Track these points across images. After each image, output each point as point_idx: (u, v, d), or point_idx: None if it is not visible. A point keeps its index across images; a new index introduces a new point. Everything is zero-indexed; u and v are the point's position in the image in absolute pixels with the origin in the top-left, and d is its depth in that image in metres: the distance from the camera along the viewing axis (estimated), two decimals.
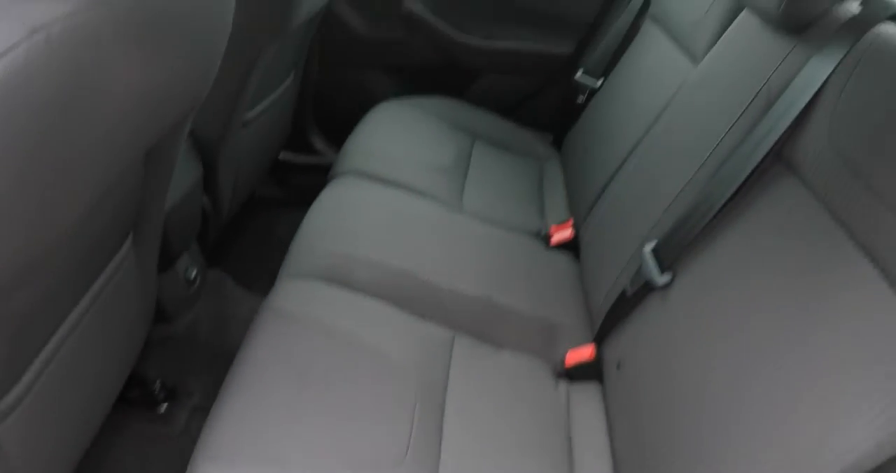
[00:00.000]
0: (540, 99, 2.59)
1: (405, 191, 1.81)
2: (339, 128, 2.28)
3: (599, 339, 1.45)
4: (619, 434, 1.27)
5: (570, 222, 1.88)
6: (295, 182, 2.63)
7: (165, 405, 1.65)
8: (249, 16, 1.41)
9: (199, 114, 1.12)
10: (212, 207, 1.80)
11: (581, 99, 2.30)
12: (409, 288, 1.47)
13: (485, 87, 2.56)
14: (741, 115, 1.30)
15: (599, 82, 2.23)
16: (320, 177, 1.98)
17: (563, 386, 1.39)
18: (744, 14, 1.52)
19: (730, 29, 1.55)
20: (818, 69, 1.13)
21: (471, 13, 2.45)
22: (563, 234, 1.82)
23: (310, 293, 1.38)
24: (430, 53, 2.51)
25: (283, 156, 2.55)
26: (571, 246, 1.81)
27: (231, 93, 1.57)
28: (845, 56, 1.10)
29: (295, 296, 1.36)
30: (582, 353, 1.43)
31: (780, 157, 1.15)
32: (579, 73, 2.28)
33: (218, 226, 1.89)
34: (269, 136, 2.11)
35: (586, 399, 1.37)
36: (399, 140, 2.06)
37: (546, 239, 1.83)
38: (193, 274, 1.79)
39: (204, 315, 1.86)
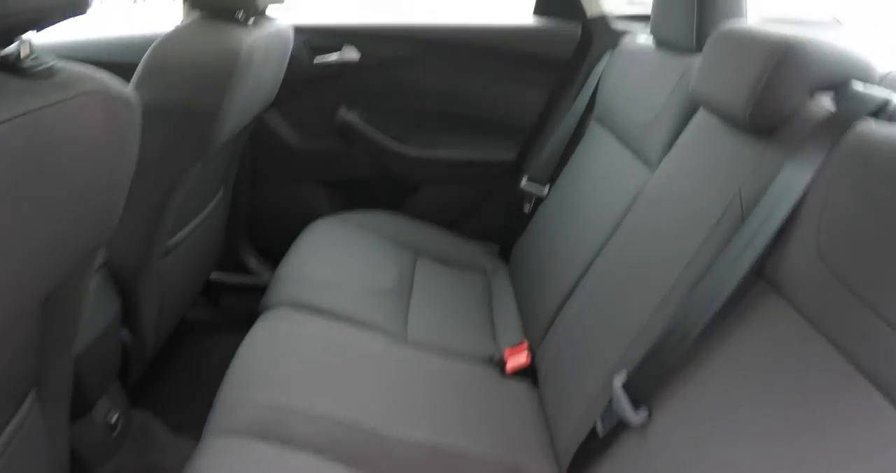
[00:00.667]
0: (484, 209, 2.51)
1: (344, 322, 1.67)
2: (274, 245, 2.18)
3: None
4: None
5: (525, 344, 1.74)
6: (228, 303, 2.48)
7: None
8: (167, 136, 1.31)
9: (113, 243, 1.01)
10: (133, 342, 1.64)
11: (528, 207, 2.21)
12: (354, 440, 1.30)
13: (426, 199, 2.47)
14: (713, 229, 1.19)
15: (546, 189, 2.15)
16: (255, 297, 1.84)
17: None
18: (700, 113, 1.44)
19: (686, 130, 1.46)
20: (796, 175, 1.03)
21: (408, 123, 2.39)
22: (518, 360, 1.68)
23: (240, 452, 1.21)
24: (367, 165, 2.44)
25: (215, 276, 2.41)
26: (529, 371, 1.66)
27: (149, 218, 1.44)
28: (826, 159, 1.00)
29: (224, 457, 1.19)
30: None
31: (761, 275, 1.04)
32: (524, 181, 2.20)
33: (141, 361, 1.73)
34: (197, 259, 1.97)
35: None
36: (336, 262, 1.92)
37: (500, 365, 1.68)
38: (114, 418, 1.61)
39: (126, 465, 1.67)
